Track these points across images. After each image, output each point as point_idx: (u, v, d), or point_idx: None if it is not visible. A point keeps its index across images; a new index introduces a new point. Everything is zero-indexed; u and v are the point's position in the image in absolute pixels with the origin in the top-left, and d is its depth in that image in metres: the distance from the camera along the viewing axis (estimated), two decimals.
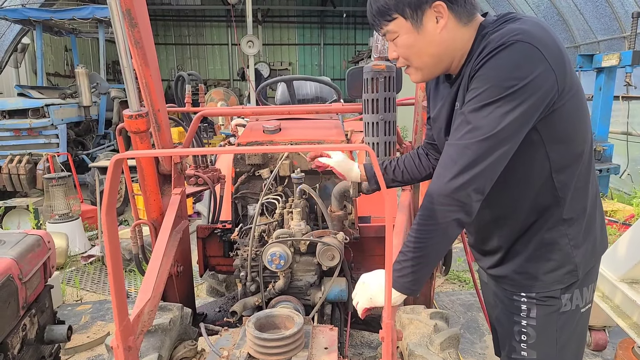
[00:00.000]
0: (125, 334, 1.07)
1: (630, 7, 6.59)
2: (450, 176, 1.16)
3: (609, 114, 6.17)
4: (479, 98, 1.13)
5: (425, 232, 1.21)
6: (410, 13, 1.21)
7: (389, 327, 1.11)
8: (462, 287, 4.05)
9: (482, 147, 1.13)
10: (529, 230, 1.31)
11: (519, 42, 1.10)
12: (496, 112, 1.11)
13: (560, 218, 1.27)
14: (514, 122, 1.11)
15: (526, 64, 1.09)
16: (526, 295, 1.33)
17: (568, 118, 1.19)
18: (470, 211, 1.18)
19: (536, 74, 1.09)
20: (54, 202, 4.80)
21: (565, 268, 1.29)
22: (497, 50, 1.11)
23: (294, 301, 1.80)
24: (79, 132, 7.68)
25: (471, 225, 1.43)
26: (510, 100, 1.10)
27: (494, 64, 1.11)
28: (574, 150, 1.24)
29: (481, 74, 1.14)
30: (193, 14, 19.06)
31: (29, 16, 7.49)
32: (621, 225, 5.01)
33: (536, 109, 1.13)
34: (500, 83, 1.10)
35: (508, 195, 1.29)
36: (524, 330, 1.35)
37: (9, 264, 1.85)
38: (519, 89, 1.09)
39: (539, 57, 1.09)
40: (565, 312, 1.32)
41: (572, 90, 1.18)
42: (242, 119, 3.80)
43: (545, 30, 1.15)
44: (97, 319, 3.45)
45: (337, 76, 18.99)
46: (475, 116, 1.14)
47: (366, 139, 1.97)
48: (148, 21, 1.69)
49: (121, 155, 0.91)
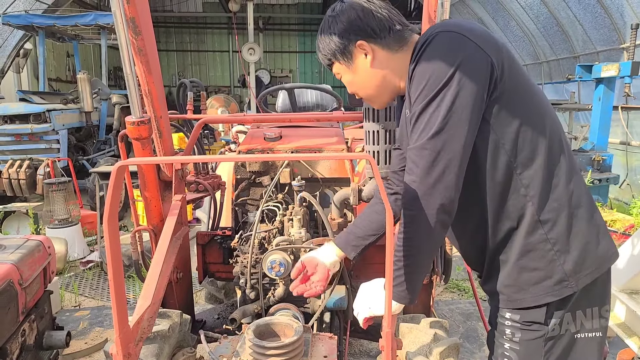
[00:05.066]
0: (125, 340, 1.08)
1: (629, 18, 6.63)
2: (417, 180, 1.16)
3: (609, 124, 6.19)
4: (422, 96, 1.14)
5: (410, 239, 1.20)
6: (341, 57, 1.32)
7: (388, 336, 1.11)
8: (462, 296, 4.04)
9: (438, 142, 1.13)
10: (507, 239, 1.24)
11: (439, 33, 1.14)
12: (441, 104, 1.12)
13: (536, 220, 1.19)
14: (460, 107, 1.11)
15: (453, 49, 1.12)
16: (510, 318, 1.26)
17: (516, 105, 1.17)
18: (448, 210, 1.17)
19: (464, 55, 1.11)
20: (53, 207, 4.79)
21: (554, 278, 1.19)
22: (422, 48, 1.14)
23: (293, 309, 1.80)
24: (80, 138, 7.69)
25: (454, 243, 1.42)
26: (449, 87, 1.11)
27: (423, 59, 1.14)
28: (533, 141, 1.18)
29: (415, 75, 1.16)
30: (195, 21, 19.17)
31: (32, 22, 7.53)
32: (621, 235, 5.00)
33: (478, 88, 1.12)
34: (434, 76, 1.12)
35: (475, 202, 1.24)
36: (507, 354, 1.29)
37: (10, 269, 1.85)
38: (453, 74, 1.10)
39: (464, 40, 1.12)
40: (552, 338, 1.22)
41: (517, 75, 1.18)
42: (242, 126, 3.82)
43: (469, 22, 1.19)
44: (95, 325, 3.43)
45: (337, 84, 18.92)
46: (423, 116, 1.15)
47: (367, 148, 1.98)
48: (152, 29, 1.70)
49: (124, 163, 0.92)
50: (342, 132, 2.76)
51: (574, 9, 7.70)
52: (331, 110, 3.58)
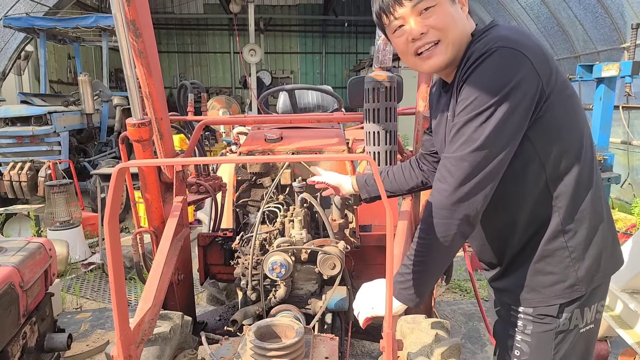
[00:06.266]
0: (126, 343, 1.08)
1: (629, 18, 6.62)
2: (450, 189, 1.16)
3: (609, 123, 6.17)
4: (469, 109, 1.14)
5: (428, 246, 1.21)
6: None
7: (389, 337, 1.11)
8: (464, 296, 4.03)
9: (478, 157, 1.13)
10: (528, 243, 1.28)
11: (500, 48, 1.12)
12: (488, 121, 1.12)
13: (559, 229, 1.24)
14: (506, 127, 1.12)
15: (510, 68, 1.11)
16: (523, 311, 1.31)
17: (560, 122, 1.19)
18: (472, 222, 1.18)
19: (521, 76, 1.11)
20: (55, 209, 4.80)
21: (566, 282, 1.25)
22: (481, 59, 1.13)
23: (294, 310, 1.80)
24: (81, 140, 7.70)
25: (473, 239, 1.44)
26: (500, 106, 1.11)
27: (478, 72, 1.13)
28: (569, 157, 1.22)
29: (468, 84, 1.15)
30: (196, 23, 19.22)
31: (33, 24, 7.54)
32: (622, 235, 4.99)
33: (526, 110, 1.13)
34: (488, 91, 1.11)
35: (506, 207, 1.28)
36: (518, 345, 1.33)
37: (10, 271, 1.86)
38: (506, 94, 1.10)
39: (522, 60, 1.11)
40: (563, 332, 1.28)
41: (562, 93, 1.18)
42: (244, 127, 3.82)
43: (525, 35, 1.17)
44: (96, 327, 3.43)
45: (338, 84, 19.06)
46: (468, 127, 1.14)
47: (367, 148, 1.98)
48: (152, 31, 1.71)
49: (124, 165, 0.92)
50: (342, 133, 2.77)
51: (575, 9, 7.69)
52: (332, 111, 3.58)
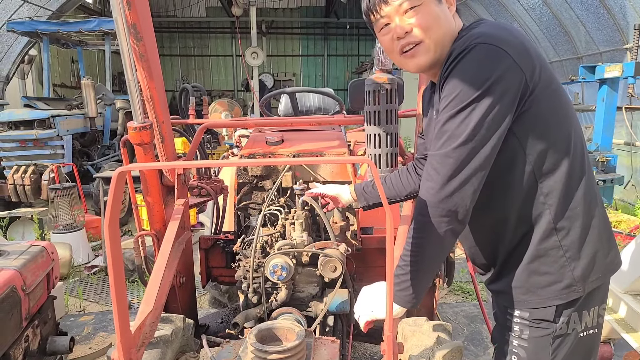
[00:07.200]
0: (127, 346, 1.08)
1: (632, 18, 6.61)
2: (436, 187, 1.16)
3: (612, 124, 6.16)
4: (451, 105, 1.14)
5: (420, 245, 1.21)
6: None
7: (390, 340, 1.11)
8: (466, 298, 4.02)
9: (462, 153, 1.13)
10: (521, 243, 1.26)
11: (479, 44, 1.12)
12: (470, 116, 1.12)
13: (552, 227, 1.22)
14: (490, 122, 1.12)
15: (490, 63, 1.11)
16: (519, 316, 1.29)
17: (546, 117, 1.18)
18: (462, 219, 1.18)
19: (501, 71, 1.11)
20: (58, 213, 4.82)
21: (563, 283, 1.23)
22: (461, 55, 1.13)
23: (295, 313, 1.80)
24: (84, 143, 7.72)
25: (465, 240, 1.42)
26: (481, 101, 1.11)
27: (459, 69, 1.14)
28: (557, 153, 1.20)
29: (448, 81, 1.16)
30: (198, 26, 19.28)
31: (36, 29, 7.58)
32: (626, 237, 4.96)
33: (509, 105, 1.13)
34: (468, 86, 1.11)
35: (495, 205, 1.26)
36: (515, 350, 1.31)
37: (13, 275, 1.86)
38: (487, 89, 1.10)
39: (502, 55, 1.11)
40: (560, 336, 1.25)
41: (548, 88, 1.18)
42: (245, 130, 3.83)
43: (507, 30, 1.17)
44: (99, 330, 3.44)
45: (340, 87, 19.08)
46: (451, 123, 1.14)
47: (368, 151, 1.98)
48: (153, 35, 1.71)
49: (124, 168, 0.92)
50: (343, 135, 2.77)
51: (577, 10, 7.68)
52: (333, 113, 3.58)
